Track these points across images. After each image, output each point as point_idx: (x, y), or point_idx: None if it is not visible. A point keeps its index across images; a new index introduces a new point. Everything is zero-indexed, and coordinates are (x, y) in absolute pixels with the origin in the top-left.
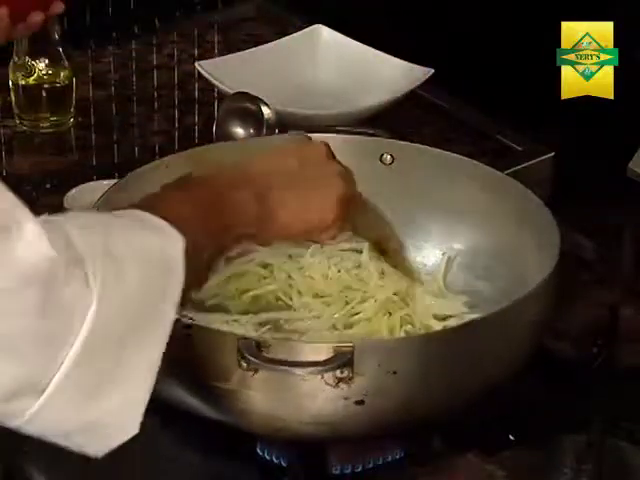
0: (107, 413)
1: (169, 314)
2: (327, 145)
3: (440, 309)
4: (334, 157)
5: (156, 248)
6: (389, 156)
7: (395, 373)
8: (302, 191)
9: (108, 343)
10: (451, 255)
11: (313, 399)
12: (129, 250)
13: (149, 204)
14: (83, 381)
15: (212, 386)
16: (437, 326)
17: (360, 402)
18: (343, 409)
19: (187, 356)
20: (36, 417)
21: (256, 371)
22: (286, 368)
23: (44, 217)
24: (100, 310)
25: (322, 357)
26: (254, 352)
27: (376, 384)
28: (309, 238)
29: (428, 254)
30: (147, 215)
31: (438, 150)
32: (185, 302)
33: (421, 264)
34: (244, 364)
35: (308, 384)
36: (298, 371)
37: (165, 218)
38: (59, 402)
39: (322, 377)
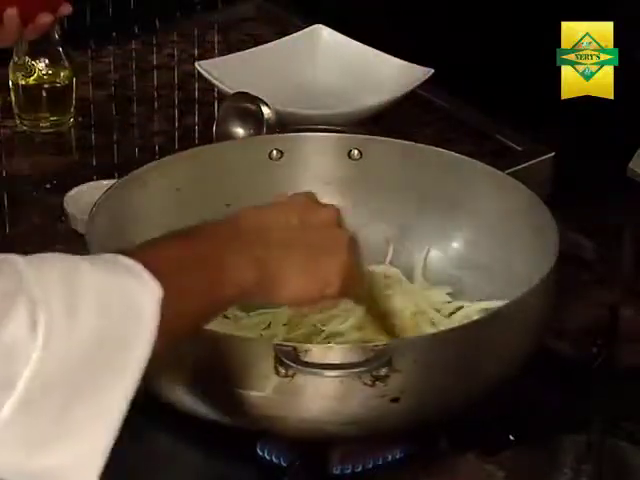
0: (56, 465)
1: (132, 364)
2: (338, 210)
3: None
4: (342, 223)
5: (123, 294)
6: (357, 151)
7: (429, 368)
8: (304, 257)
9: (52, 395)
10: (450, 255)
11: (349, 400)
12: (89, 294)
13: (138, 251)
14: (25, 431)
15: (243, 395)
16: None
17: (395, 399)
18: (378, 407)
19: (215, 367)
20: None
21: (293, 377)
22: (326, 371)
23: (3, 256)
24: (44, 358)
25: (360, 358)
26: (293, 357)
27: (411, 380)
28: (308, 306)
29: (428, 253)
30: (122, 258)
31: (408, 142)
32: (162, 353)
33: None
34: (282, 370)
35: (345, 385)
36: (338, 373)
37: (150, 268)
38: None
39: (359, 377)
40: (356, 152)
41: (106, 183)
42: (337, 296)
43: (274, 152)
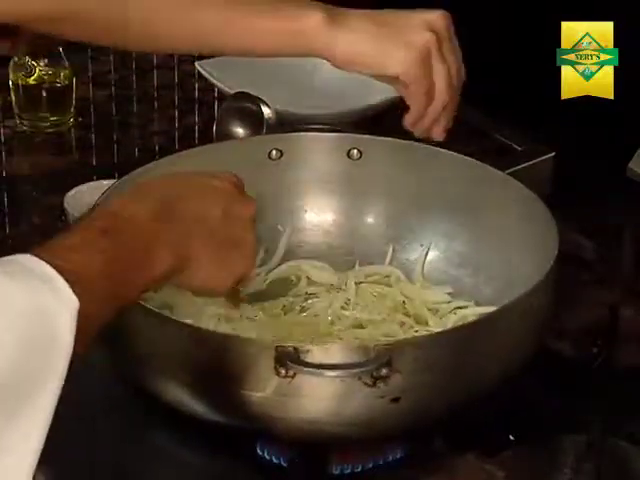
0: None
1: (51, 385)
2: (255, 205)
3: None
4: (254, 218)
5: (39, 313)
6: (356, 151)
7: (429, 368)
8: (218, 250)
9: None
10: (450, 255)
11: (349, 400)
12: (6, 319)
13: (53, 245)
14: None
15: (243, 395)
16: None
17: (396, 400)
18: (379, 408)
19: (216, 367)
20: None
21: (293, 377)
22: (326, 372)
23: None
24: None
25: (360, 358)
26: (293, 358)
27: (412, 381)
28: (203, 295)
29: (428, 253)
30: (40, 266)
31: (408, 142)
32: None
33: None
34: (282, 370)
35: (345, 386)
36: (338, 373)
37: (70, 272)
38: None
39: (360, 378)
40: (355, 152)
41: (106, 183)
42: (223, 294)
43: (273, 152)
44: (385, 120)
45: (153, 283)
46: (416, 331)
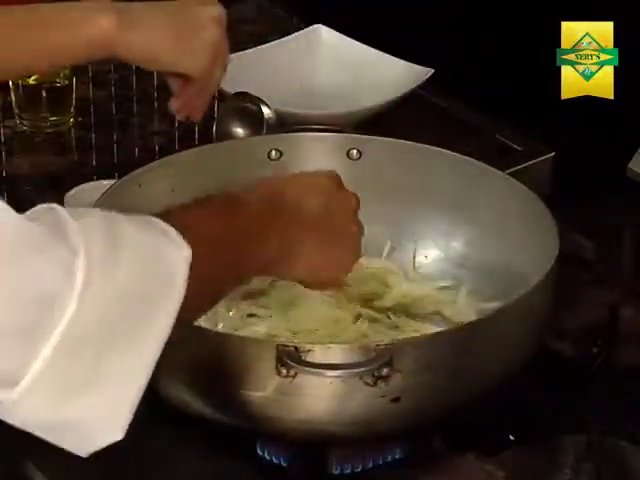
0: (88, 413)
1: (162, 321)
2: (357, 199)
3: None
4: (357, 212)
5: (159, 252)
6: (355, 151)
7: (430, 368)
8: (324, 243)
9: (88, 343)
10: (450, 254)
11: (350, 400)
12: (128, 247)
13: (169, 216)
14: (61, 378)
15: (244, 395)
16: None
17: (396, 399)
18: (379, 408)
19: (217, 367)
20: (14, 408)
21: (294, 377)
22: (328, 371)
23: (46, 205)
24: (81, 308)
25: (361, 358)
26: (295, 357)
27: (412, 380)
28: (313, 287)
29: (427, 253)
30: (156, 220)
31: (407, 142)
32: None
33: (419, 263)
34: (284, 370)
35: (346, 385)
36: (339, 373)
37: (182, 233)
38: (36, 397)
39: (361, 377)
40: (355, 152)
41: (106, 183)
42: (342, 284)
43: (273, 152)
44: (384, 120)
45: (260, 267)
46: (415, 330)
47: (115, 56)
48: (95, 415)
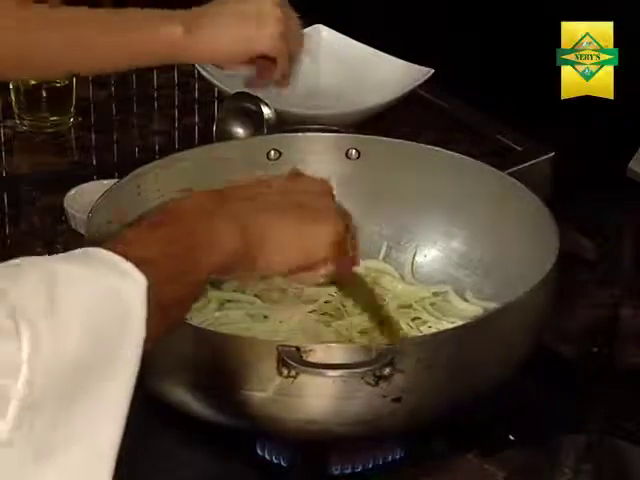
0: (63, 475)
1: (126, 361)
2: (329, 184)
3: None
4: (333, 196)
5: (109, 292)
6: (354, 151)
7: (431, 368)
8: (290, 224)
9: (48, 402)
10: (450, 254)
11: (352, 400)
12: (72, 301)
13: (116, 243)
14: (28, 444)
15: (245, 395)
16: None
17: (397, 399)
18: (381, 407)
19: (218, 367)
20: None
21: (295, 377)
22: (329, 371)
23: None
24: (32, 371)
25: (363, 358)
26: (296, 358)
27: (414, 380)
28: (292, 278)
29: (427, 253)
30: (104, 253)
31: (406, 142)
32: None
33: (418, 263)
34: (285, 370)
35: (347, 385)
36: (340, 373)
37: (134, 257)
38: (7, 466)
39: (362, 377)
40: (354, 152)
41: (106, 183)
42: (326, 268)
43: (272, 152)
44: (384, 120)
45: (223, 262)
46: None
47: (184, 62)
48: (73, 472)
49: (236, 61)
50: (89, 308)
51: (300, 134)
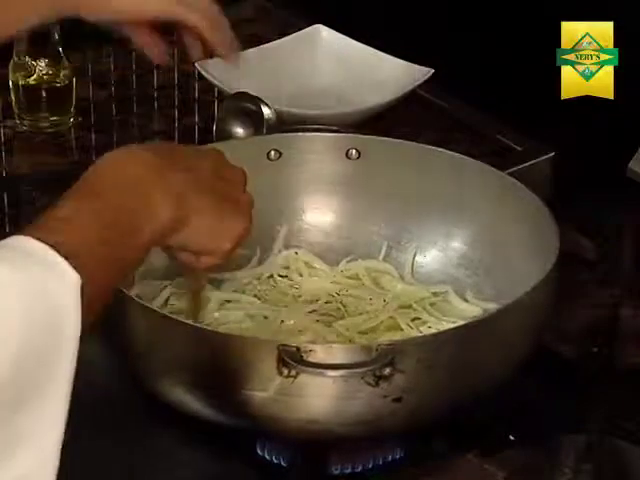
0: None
1: (64, 366)
2: (245, 173)
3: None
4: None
5: (43, 294)
6: (354, 151)
7: (432, 368)
8: (215, 208)
9: None
10: (450, 255)
11: (352, 400)
12: (6, 311)
13: (45, 231)
14: None
15: (245, 395)
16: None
17: (398, 399)
18: (381, 408)
19: (218, 367)
20: None
21: (296, 377)
22: (329, 371)
23: None
24: None
25: (363, 358)
26: (297, 358)
27: (414, 380)
28: (193, 259)
29: (427, 253)
30: (35, 247)
31: (406, 142)
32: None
33: (418, 263)
34: (285, 370)
35: (347, 385)
36: (341, 373)
37: (66, 250)
38: None
39: (362, 377)
40: (354, 152)
41: None
42: (221, 258)
43: (272, 152)
44: (384, 120)
45: (157, 238)
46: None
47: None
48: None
49: (129, 21)
50: (23, 313)
51: (300, 134)
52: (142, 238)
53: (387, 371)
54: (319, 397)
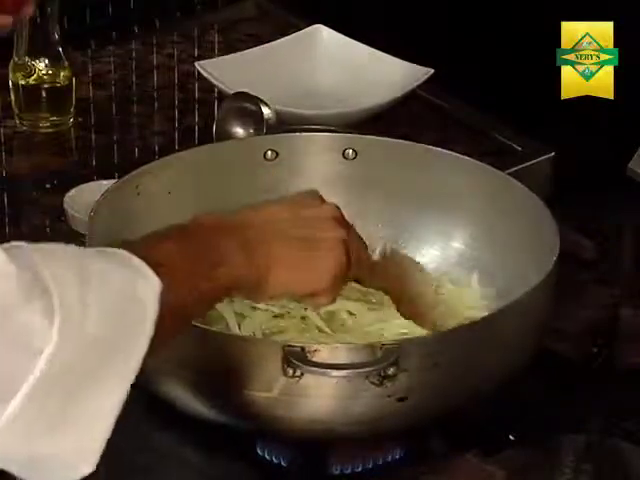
0: (58, 450)
1: (134, 356)
2: (337, 207)
3: None
4: (342, 220)
5: (130, 289)
6: (351, 151)
7: (436, 367)
8: (297, 251)
9: (61, 386)
10: (449, 254)
11: (356, 400)
12: (99, 290)
13: (136, 247)
14: (34, 418)
15: (250, 395)
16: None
17: (402, 399)
18: (386, 407)
19: (222, 367)
20: None
21: (300, 377)
22: (334, 371)
23: (13, 243)
24: (58, 351)
25: (368, 358)
26: (302, 358)
27: (418, 379)
28: (297, 300)
29: (426, 253)
30: (125, 254)
31: (404, 142)
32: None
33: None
34: (290, 370)
35: (352, 385)
36: (345, 373)
37: (152, 263)
38: (8, 435)
39: (367, 377)
40: (351, 152)
41: (106, 183)
42: (327, 295)
43: (269, 152)
44: (383, 120)
45: (235, 278)
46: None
47: None
48: (65, 452)
49: None
50: (113, 301)
51: (297, 134)
52: (220, 278)
53: (391, 371)
54: (323, 397)
